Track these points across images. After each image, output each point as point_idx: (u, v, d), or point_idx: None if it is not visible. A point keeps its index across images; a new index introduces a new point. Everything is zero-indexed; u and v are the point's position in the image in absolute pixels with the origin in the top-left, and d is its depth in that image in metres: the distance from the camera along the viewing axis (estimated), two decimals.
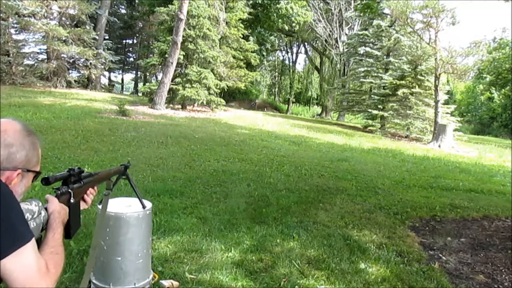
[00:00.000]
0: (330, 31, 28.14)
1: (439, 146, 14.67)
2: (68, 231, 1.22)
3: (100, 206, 2.44)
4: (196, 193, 4.96)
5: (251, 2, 21.04)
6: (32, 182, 1.08)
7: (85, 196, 1.36)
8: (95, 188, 1.43)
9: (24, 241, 0.91)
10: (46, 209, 1.10)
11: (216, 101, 16.80)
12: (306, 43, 36.84)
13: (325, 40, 29.26)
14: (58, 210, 1.11)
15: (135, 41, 34.73)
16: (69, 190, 1.23)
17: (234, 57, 18.43)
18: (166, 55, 15.35)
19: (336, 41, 28.13)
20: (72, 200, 1.22)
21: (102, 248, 2.41)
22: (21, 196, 1.06)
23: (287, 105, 36.10)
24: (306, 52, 40.13)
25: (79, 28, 19.85)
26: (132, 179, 2.07)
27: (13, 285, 0.89)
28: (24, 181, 1.04)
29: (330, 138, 13.67)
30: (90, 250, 1.64)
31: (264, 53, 28.59)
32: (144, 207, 2.47)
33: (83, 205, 1.36)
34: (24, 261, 0.90)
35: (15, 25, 18.46)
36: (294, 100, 37.92)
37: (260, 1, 22.17)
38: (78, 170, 1.29)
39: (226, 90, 18.17)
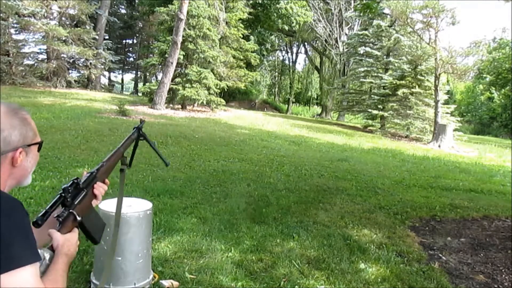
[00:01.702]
0: (330, 31, 28.12)
1: (439, 146, 14.67)
2: (92, 237, 1.18)
3: (101, 207, 2.44)
4: (196, 193, 4.96)
5: (251, 2, 21.02)
6: (38, 151, 1.11)
7: (95, 191, 1.22)
8: (106, 181, 1.29)
9: (20, 262, 0.89)
10: (51, 246, 1.06)
11: (216, 101, 16.79)
12: (306, 43, 36.79)
13: (325, 40, 29.22)
14: (61, 244, 1.07)
15: (135, 41, 34.75)
16: (70, 211, 1.09)
17: (234, 57, 18.42)
18: (166, 55, 15.34)
19: (336, 41, 28.11)
20: (79, 218, 1.10)
21: (102, 248, 2.41)
22: (34, 167, 1.10)
23: (287, 105, 36.05)
24: (306, 52, 40.12)
25: (79, 28, 19.86)
26: (151, 140, 1.71)
27: None
28: (31, 155, 1.07)
29: (330, 138, 13.66)
30: (109, 253, 1.53)
31: (264, 53, 28.59)
32: (167, 164, 2.26)
33: (94, 202, 1.23)
34: (19, 282, 0.88)
35: (15, 25, 18.49)
36: (294, 100, 37.85)
37: (260, 1, 22.15)
38: (71, 182, 1.12)
39: (226, 90, 18.16)
